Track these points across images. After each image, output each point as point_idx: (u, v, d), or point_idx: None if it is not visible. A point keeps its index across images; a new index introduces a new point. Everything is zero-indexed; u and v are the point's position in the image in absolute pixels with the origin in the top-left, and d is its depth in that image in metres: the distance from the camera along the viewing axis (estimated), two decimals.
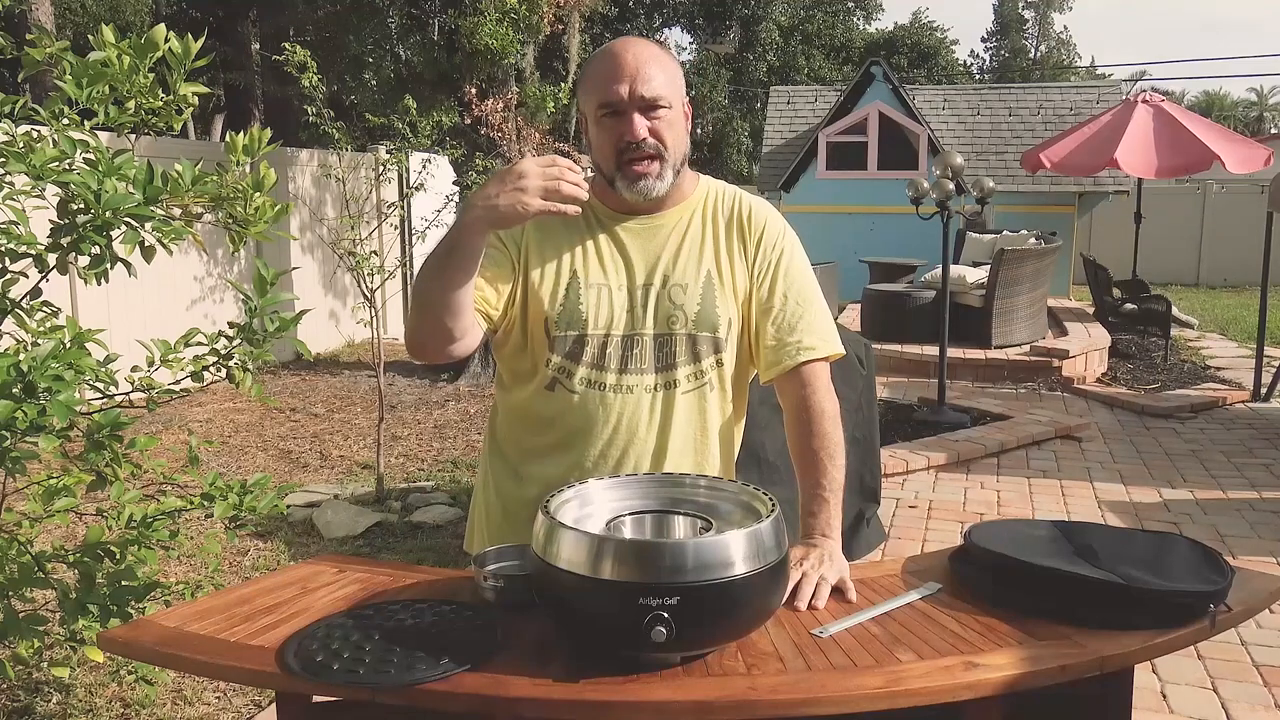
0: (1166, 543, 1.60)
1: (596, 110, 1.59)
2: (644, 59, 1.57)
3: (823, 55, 30.90)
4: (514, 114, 8.10)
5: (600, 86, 1.58)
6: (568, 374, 1.64)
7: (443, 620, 1.39)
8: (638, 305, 1.63)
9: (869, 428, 4.17)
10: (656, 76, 1.57)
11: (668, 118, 1.59)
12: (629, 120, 1.56)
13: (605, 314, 1.62)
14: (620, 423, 1.63)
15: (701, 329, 1.64)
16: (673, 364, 1.64)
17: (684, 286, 1.64)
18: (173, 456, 4.81)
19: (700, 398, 1.67)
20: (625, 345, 1.63)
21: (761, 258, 1.69)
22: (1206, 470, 5.52)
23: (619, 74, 1.56)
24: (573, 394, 1.64)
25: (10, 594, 2.15)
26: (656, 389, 1.64)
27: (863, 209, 13.09)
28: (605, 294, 1.62)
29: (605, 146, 1.60)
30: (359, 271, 5.18)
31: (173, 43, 2.05)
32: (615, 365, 1.63)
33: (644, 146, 1.57)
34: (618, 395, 1.63)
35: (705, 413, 1.68)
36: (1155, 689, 3.05)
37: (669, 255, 1.66)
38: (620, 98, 1.55)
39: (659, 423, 1.65)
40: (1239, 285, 15.15)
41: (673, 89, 1.59)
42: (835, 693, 1.23)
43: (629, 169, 1.59)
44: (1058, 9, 44.24)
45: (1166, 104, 9.67)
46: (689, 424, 1.67)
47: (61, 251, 2.00)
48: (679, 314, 1.63)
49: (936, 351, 6.74)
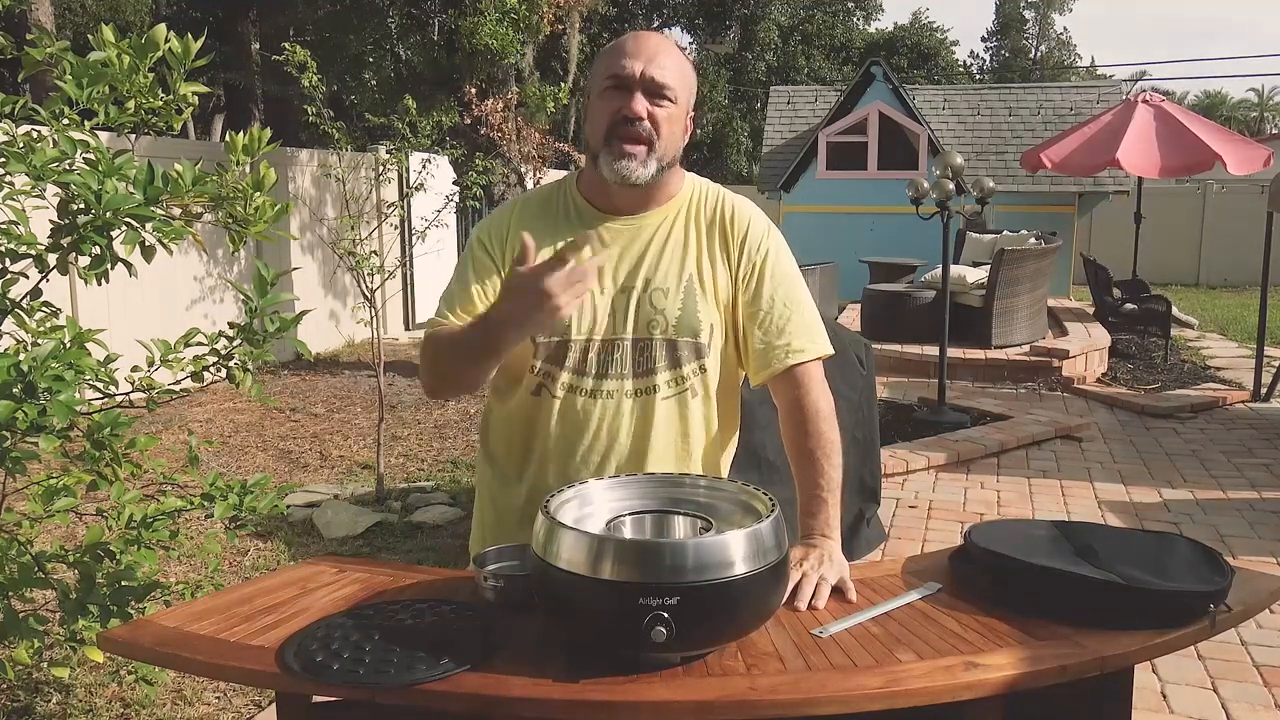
0: (1166, 543, 1.60)
1: (603, 81, 1.57)
2: (663, 49, 1.57)
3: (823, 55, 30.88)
4: (514, 114, 8.10)
5: (612, 60, 1.57)
6: (551, 379, 1.62)
7: (443, 620, 1.39)
8: (617, 310, 1.61)
9: (869, 428, 4.17)
10: (669, 67, 1.56)
11: (669, 111, 1.57)
12: (631, 96, 1.54)
13: (588, 318, 1.60)
14: (601, 429, 1.62)
15: (682, 334, 1.61)
16: (651, 369, 1.61)
17: (665, 291, 1.61)
18: (173, 456, 4.81)
19: (681, 404, 1.64)
20: (605, 350, 1.60)
21: (746, 260, 1.66)
22: (1206, 470, 5.52)
23: (635, 52, 1.55)
24: (555, 399, 1.62)
25: (10, 594, 2.15)
26: (636, 394, 1.62)
27: (863, 209, 13.09)
28: (588, 297, 1.57)
29: (601, 118, 1.57)
30: (359, 271, 5.18)
31: (173, 43, 2.05)
32: (595, 370, 1.61)
33: (639, 126, 1.54)
34: (597, 401, 1.61)
35: (687, 420, 1.65)
36: (1155, 689, 3.05)
37: (651, 258, 1.63)
38: (630, 73, 1.54)
39: (637, 429, 1.62)
40: (1239, 285, 15.16)
41: (682, 86, 1.59)
42: (835, 693, 1.23)
43: (617, 145, 1.55)
44: (1058, 9, 44.19)
45: (1167, 104, 9.67)
46: (670, 430, 1.64)
47: (62, 251, 2.00)
48: (659, 319, 1.61)
49: (936, 351, 6.74)
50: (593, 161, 1.61)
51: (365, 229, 5.95)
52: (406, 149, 6.03)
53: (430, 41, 8.24)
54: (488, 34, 7.42)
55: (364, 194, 6.50)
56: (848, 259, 11.43)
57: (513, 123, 8.08)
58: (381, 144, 6.69)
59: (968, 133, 13.71)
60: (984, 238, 10.26)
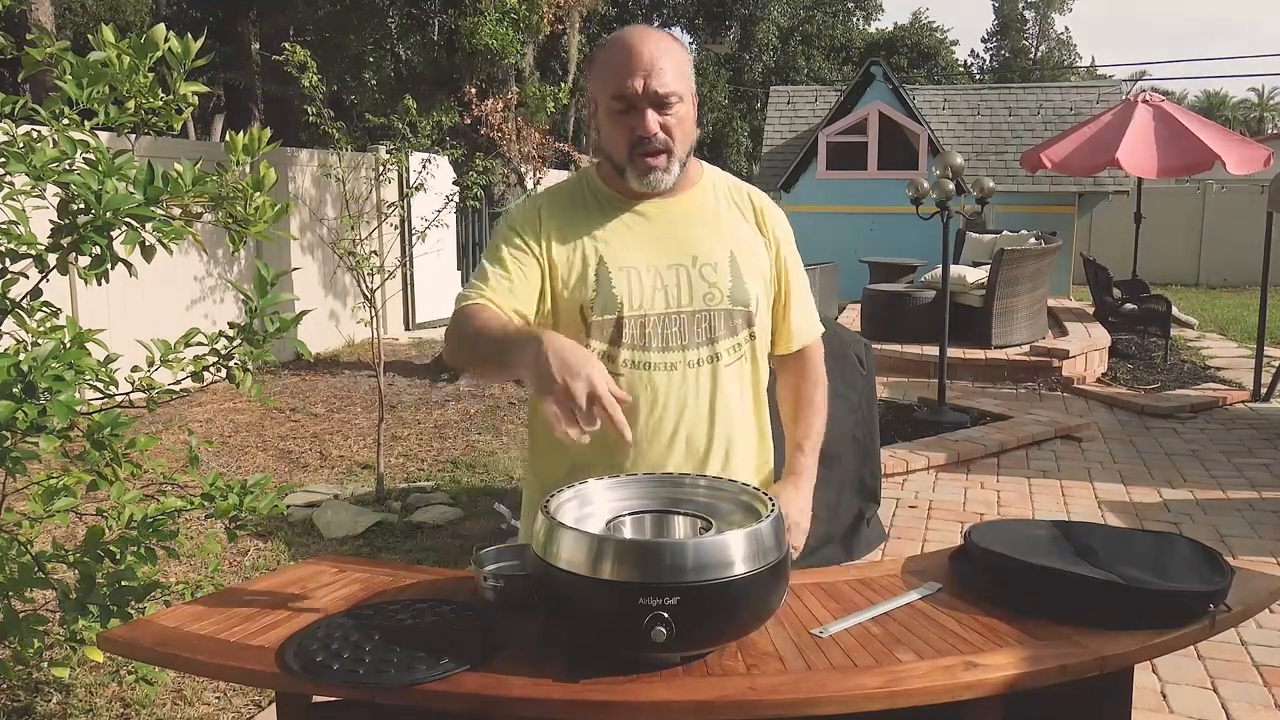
0: (1166, 543, 1.60)
1: (610, 101, 1.62)
2: (658, 52, 1.60)
3: (822, 55, 30.87)
4: (514, 114, 8.10)
5: (614, 78, 1.61)
6: (609, 358, 1.66)
7: (443, 620, 1.39)
8: (670, 285, 1.68)
9: (869, 428, 4.17)
10: (669, 70, 1.60)
11: (679, 112, 1.63)
12: (641, 115, 1.60)
13: (637, 295, 1.66)
14: (669, 399, 1.67)
15: (737, 304, 1.71)
16: (714, 339, 1.70)
17: (714, 265, 1.70)
18: (173, 456, 4.81)
19: (740, 371, 1.74)
20: (664, 324, 1.67)
21: (770, 239, 1.78)
22: (1206, 470, 5.52)
23: (633, 67, 1.59)
24: (618, 375, 1.66)
25: (10, 594, 2.15)
26: (701, 364, 1.69)
27: (863, 209, 13.09)
28: (635, 275, 1.66)
29: (617, 138, 1.64)
30: (359, 271, 5.18)
31: (173, 43, 2.05)
32: (657, 344, 1.66)
33: (654, 141, 1.61)
34: (663, 373, 1.67)
35: (745, 385, 1.76)
36: (1155, 689, 3.05)
37: (693, 236, 1.71)
38: (634, 92, 1.59)
39: (708, 396, 1.70)
40: (1239, 285, 15.15)
41: (684, 82, 1.63)
42: (835, 693, 1.23)
43: (640, 161, 1.63)
44: (1058, 9, 44.19)
45: (1167, 104, 9.67)
46: (734, 395, 1.73)
47: (62, 251, 2.00)
48: (715, 291, 1.69)
49: (936, 351, 6.74)
50: (617, 172, 1.67)
51: (365, 229, 5.95)
52: (406, 149, 6.03)
53: (430, 41, 8.24)
54: (488, 34, 7.42)
55: (364, 194, 6.50)
56: (848, 259, 11.43)
57: (513, 123, 8.08)
58: (381, 144, 6.69)
59: (968, 133, 13.70)
60: (984, 238, 10.26)
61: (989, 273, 8.27)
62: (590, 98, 1.69)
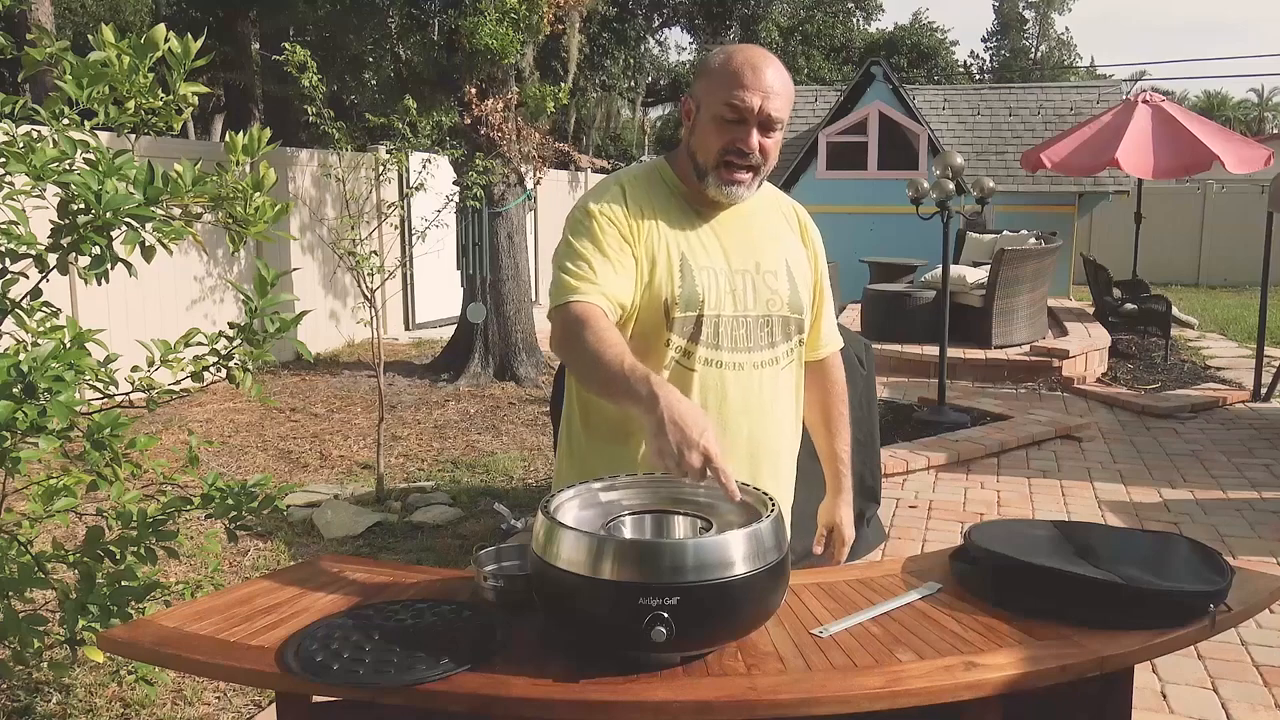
0: (1166, 543, 1.60)
1: (721, 107, 1.66)
2: (778, 81, 1.67)
3: (822, 56, 30.84)
4: (514, 114, 8.09)
5: (733, 88, 1.65)
6: (687, 354, 1.70)
7: (443, 620, 1.39)
8: (738, 289, 1.74)
9: (869, 428, 4.17)
10: (783, 98, 1.67)
11: (776, 138, 1.70)
12: (748, 130, 1.66)
13: (714, 295, 1.71)
14: (738, 399, 1.73)
15: (794, 311, 1.79)
16: (774, 343, 1.77)
17: (774, 273, 1.78)
18: (173, 456, 4.80)
19: (791, 374, 1.83)
20: (734, 325, 1.73)
21: (811, 251, 1.88)
22: (1206, 470, 5.52)
23: (755, 84, 1.64)
24: (692, 372, 1.70)
25: (10, 594, 2.15)
26: (763, 366, 1.76)
27: (863, 209, 13.08)
28: (712, 276, 1.71)
29: (713, 143, 1.68)
30: (359, 271, 5.18)
31: (172, 43, 2.05)
32: (728, 344, 1.72)
33: (750, 158, 1.67)
34: (734, 372, 1.73)
35: (794, 388, 1.85)
36: (1155, 689, 3.05)
37: (757, 243, 1.78)
38: (750, 107, 1.64)
39: (768, 396, 1.77)
40: (1239, 285, 15.15)
41: (788, 114, 1.71)
42: (835, 693, 1.23)
43: (727, 173, 1.69)
44: (1058, 9, 44.19)
45: (1167, 104, 9.66)
46: (787, 397, 1.82)
47: (62, 251, 2.00)
48: (775, 297, 1.77)
49: (936, 351, 6.74)
50: (698, 174, 1.72)
51: (365, 229, 5.95)
52: (406, 149, 6.03)
53: (430, 41, 8.23)
54: (488, 34, 7.41)
55: (364, 194, 6.50)
56: (848, 259, 11.42)
57: (513, 123, 8.07)
58: (381, 144, 6.70)
59: (968, 133, 13.70)
60: (984, 238, 10.26)
61: (989, 273, 8.27)
62: (694, 97, 1.72)
